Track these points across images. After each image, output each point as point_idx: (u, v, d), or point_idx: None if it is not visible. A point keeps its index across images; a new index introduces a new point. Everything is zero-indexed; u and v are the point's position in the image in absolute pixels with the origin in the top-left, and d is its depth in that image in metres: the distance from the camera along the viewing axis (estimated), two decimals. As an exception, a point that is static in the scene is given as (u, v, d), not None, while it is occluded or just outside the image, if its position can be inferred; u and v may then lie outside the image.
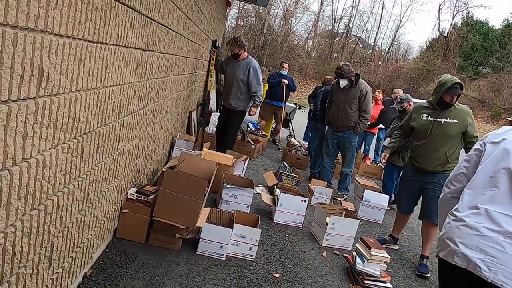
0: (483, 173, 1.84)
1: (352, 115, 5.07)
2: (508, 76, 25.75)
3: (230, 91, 4.97)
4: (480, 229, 1.72)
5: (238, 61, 4.91)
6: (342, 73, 4.98)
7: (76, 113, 1.70)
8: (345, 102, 5.05)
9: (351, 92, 5.04)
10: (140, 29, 2.43)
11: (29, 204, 1.43)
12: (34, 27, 1.25)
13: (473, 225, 1.74)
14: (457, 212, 1.84)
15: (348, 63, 5.29)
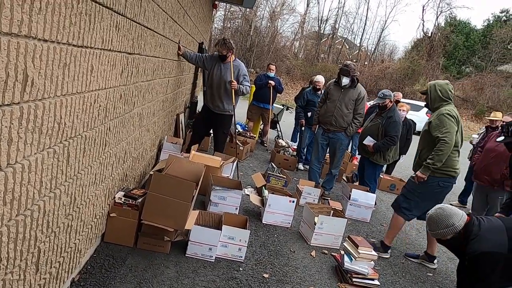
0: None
1: (347, 115, 5.07)
2: (490, 75, 26.29)
3: (218, 93, 4.84)
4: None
5: (225, 63, 4.80)
6: (348, 71, 4.97)
7: (61, 118, 1.69)
8: (342, 101, 5.03)
9: (349, 92, 5.05)
10: (125, 33, 2.44)
11: (15, 209, 1.43)
12: (18, 32, 1.25)
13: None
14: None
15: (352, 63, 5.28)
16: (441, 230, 2.41)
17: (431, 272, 3.83)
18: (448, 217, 2.39)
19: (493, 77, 25.91)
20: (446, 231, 2.39)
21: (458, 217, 2.38)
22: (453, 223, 2.37)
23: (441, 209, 2.45)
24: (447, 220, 2.39)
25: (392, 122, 4.87)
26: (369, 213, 4.89)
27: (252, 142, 7.08)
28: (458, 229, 2.36)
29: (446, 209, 2.43)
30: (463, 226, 2.36)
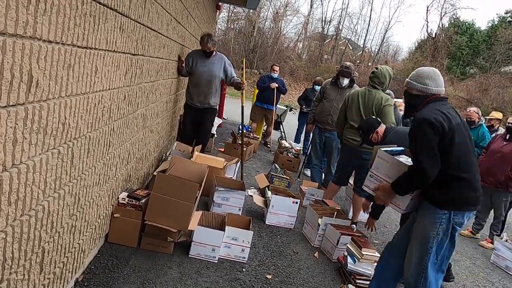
0: None
1: None
2: (495, 76, 26.15)
3: (208, 90, 4.73)
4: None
5: (209, 58, 4.66)
6: (349, 72, 5.03)
7: (66, 119, 1.70)
8: (339, 101, 5.04)
9: (346, 92, 5.08)
10: (130, 34, 2.45)
11: (19, 209, 1.44)
12: (23, 33, 1.26)
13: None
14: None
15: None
16: (414, 83, 2.49)
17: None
18: (428, 78, 2.47)
19: (497, 78, 25.77)
20: (419, 87, 2.47)
21: (434, 84, 2.45)
22: (426, 84, 2.46)
23: (433, 70, 2.54)
24: (424, 79, 2.47)
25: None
26: (372, 215, 4.87)
27: (255, 143, 7.08)
28: (426, 92, 2.46)
29: (435, 73, 2.51)
30: (432, 94, 2.45)
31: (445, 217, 2.35)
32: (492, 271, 4.26)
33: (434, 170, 2.27)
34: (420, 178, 2.30)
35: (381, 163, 2.61)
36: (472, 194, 2.37)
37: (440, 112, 2.31)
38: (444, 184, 2.34)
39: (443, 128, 2.27)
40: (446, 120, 2.29)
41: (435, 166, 2.27)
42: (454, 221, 2.35)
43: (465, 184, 2.35)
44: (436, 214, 2.36)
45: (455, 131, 2.30)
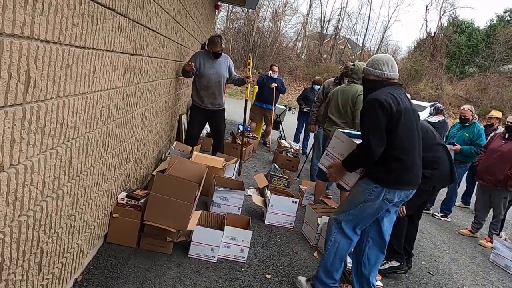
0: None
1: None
2: (494, 75, 26.17)
3: (218, 91, 4.75)
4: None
5: (217, 59, 4.65)
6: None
7: (64, 119, 1.70)
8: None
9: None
10: (128, 34, 2.44)
11: (17, 210, 1.43)
12: (20, 33, 1.26)
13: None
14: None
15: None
16: (370, 68, 2.67)
17: (432, 272, 3.82)
18: (383, 64, 2.63)
19: (496, 77, 25.79)
20: (376, 72, 2.63)
21: (388, 69, 2.62)
22: (381, 69, 2.62)
23: (387, 56, 2.72)
24: (379, 65, 2.63)
25: None
26: (372, 214, 4.87)
27: (254, 142, 7.08)
28: (382, 77, 2.62)
29: (389, 59, 2.68)
30: (387, 79, 2.62)
31: (376, 190, 2.52)
32: (491, 270, 4.26)
33: (380, 149, 2.43)
34: (366, 156, 2.47)
35: (337, 143, 2.78)
36: (406, 176, 2.53)
37: (391, 95, 2.47)
38: (383, 162, 2.48)
39: (391, 109, 2.42)
40: (395, 103, 2.44)
41: (381, 145, 2.43)
42: (385, 197, 2.52)
43: (402, 165, 2.50)
44: (369, 185, 2.54)
45: (402, 114, 2.45)
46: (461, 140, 5.43)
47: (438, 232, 5.15)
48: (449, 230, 5.38)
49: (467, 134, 5.43)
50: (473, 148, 5.31)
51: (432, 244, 4.65)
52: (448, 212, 5.81)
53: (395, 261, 3.54)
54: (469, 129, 5.47)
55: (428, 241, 4.71)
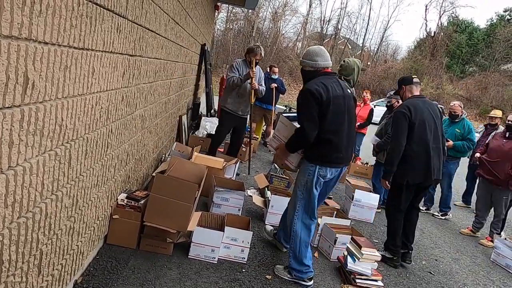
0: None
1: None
2: (494, 74, 26.16)
3: (249, 99, 4.91)
4: None
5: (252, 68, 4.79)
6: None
7: (63, 120, 1.70)
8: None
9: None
10: (127, 35, 2.44)
11: (16, 212, 1.43)
12: (18, 35, 1.25)
13: None
14: None
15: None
16: (306, 60, 2.94)
17: (433, 272, 3.81)
18: (317, 56, 2.91)
19: (497, 77, 25.78)
20: (311, 63, 2.92)
21: (322, 60, 2.91)
22: (315, 61, 2.91)
23: (320, 48, 3.00)
24: (313, 56, 2.92)
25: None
26: (372, 214, 4.87)
27: (254, 143, 7.08)
28: (317, 67, 2.91)
29: (322, 50, 2.98)
30: (322, 68, 2.91)
31: (312, 169, 2.87)
32: (492, 270, 4.26)
33: (313, 132, 2.76)
34: (303, 139, 2.80)
35: (282, 126, 3.09)
36: (336, 155, 2.87)
37: (322, 84, 2.77)
38: (316, 144, 2.81)
39: (321, 97, 2.72)
40: (325, 91, 2.74)
41: (314, 129, 2.75)
42: (319, 173, 2.87)
43: (332, 146, 2.83)
44: (307, 166, 2.89)
45: (331, 101, 2.75)
46: (452, 136, 5.48)
47: (439, 232, 5.14)
48: (450, 229, 5.37)
49: (458, 130, 5.49)
50: (465, 143, 5.36)
51: (433, 244, 4.64)
52: (447, 209, 5.79)
53: (389, 253, 3.71)
54: (459, 124, 5.52)
55: (429, 241, 4.70)
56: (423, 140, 3.47)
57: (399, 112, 3.53)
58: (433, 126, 3.53)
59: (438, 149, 3.56)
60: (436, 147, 3.54)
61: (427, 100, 3.67)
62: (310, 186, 2.89)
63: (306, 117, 2.76)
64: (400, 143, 3.45)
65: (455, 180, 6.07)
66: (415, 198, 3.76)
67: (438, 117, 3.61)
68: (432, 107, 3.61)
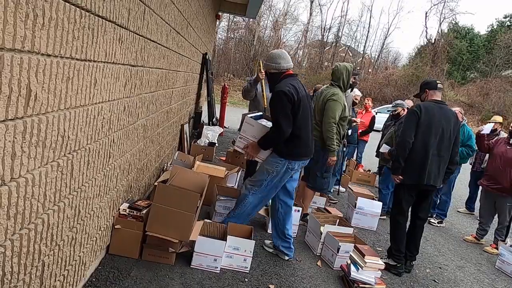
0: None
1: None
2: (495, 80, 26.15)
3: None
4: None
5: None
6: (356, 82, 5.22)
7: (65, 131, 1.71)
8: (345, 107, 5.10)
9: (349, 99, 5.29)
10: (129, 46, 2.46)
11: (18, 223, 1.43)
12: (21, 48, 1.27)
13: None
14: None
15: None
16: (270, 63, 3.21)
17: (438, 280, 3.78)
18: (280, 58, 3.19)
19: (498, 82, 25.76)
20: (275, 66, 3.20)
21: (285, 62, 3.20)
22: (279, 63, 3.18)
23: (281, 51, 3.27)
24: (277, 59, 3.19)
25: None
26: (375, 221, 4.84)
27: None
28: (280, 68, 3.19)
29: (283, 53, 3.24)
30: (285, 69, 3.19)
31: (281, 163, 3.18)
32: (498, 277, 4.22)
33: (289, 129, 3.06)
34: (280, 136, 3.08)
35: (248, 127, 3.30)
36: (304, 149, 3.23)
37: (292, 86, 3.08)
38: (287, 140, 3.10)
39: (294, 97, 3.03)
40: (295, 92, 3.06)
41: (290, 126, 3.06)
42: (288, 166, 3.20)
43: (301, 141, 3.17)
44: (276, 159, 3.19)
45: (301, 100, 3.09)
46: None
47: (442, 239, 5.11)
48: (454, 237, 5.34)
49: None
50: (465, 150, 5.32)
51: (437, 252, 4.60)
52: (443, 216, 5.75)
53: (392, 260, 3.72)
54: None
55: (432, 249, 4.67)
56: (425, 142, 3.50)
57: (411, 110, 3.63)
58: (440, 133, 3.52)
59: (440, 157, 3.55)
60: (438, 154, 3.53)
61: (444, 107, 3.64)
62: (274, 176, 3.22)
63: (283, 116, 3.03)
64: (406, 140, 3.50)
65: (459, 187, 6.05)
66: (419, 206, 3.75)
67: (450, 125, 3.57)
68: (447, 114, 3.59)
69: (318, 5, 31.27)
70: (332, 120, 4.04)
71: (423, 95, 3.74)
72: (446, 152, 3.59)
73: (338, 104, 4.06)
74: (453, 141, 3.62)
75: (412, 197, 3.71)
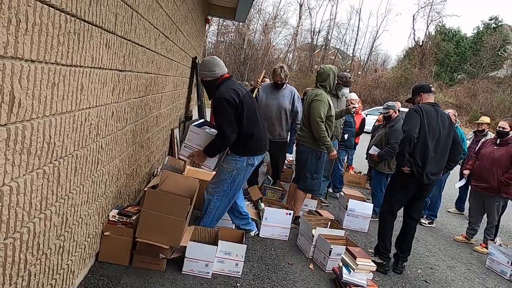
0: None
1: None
2: (482, 81, 26.57)
3: (279, 122, 4.77)
4: None
5: (280, 90, 4.74)
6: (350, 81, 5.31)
7: (51, 138, 1.68)
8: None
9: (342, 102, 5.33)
10: (116, 50, 2.44)
11: (2, 233, 1.40)
12: (4, 54, 1.25)
13: None
14: None
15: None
16: (204, 72, 3.24)
17: (429, 281, 3.80)
18: (213, 65, 3.21)
19: (485, 83, 26.19)
20: (210, 74, 3.22)
21: (219, 68, 3.23)
22: (213, 70, 3.21)
23: (213, 57, 3.29)
24: (210, 67, 3.21)
25: (394, 131, 5.04)
26: (366, 223, 4.86)
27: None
28: (215, 75, 3.22)
29: (215, 59, 3.27)
30: (220, 76, 3.22)
31: (240, 160, 3.30)
32: (488, 276, 4.25)
33: (234, 135, 3.15)
34: (225, 142, 3.19)
35: (193, 136, 3.35)
36: (259, 144, 3.35)
37: (232, 90, 3.13)
38: (242, 140, 3.22)
39: (235, 101, 3.09)
40: (236, 95, 3.11)
41: (234, 131, 3.15)
42: (248, 163, 3.33)
43: (255, 137, 3.28)
44: (235, 157, 3.30)
45: (243, 102, 3.14)
46: None
47: (433, 240, 5.14)
48: (444, 237, 5.38)
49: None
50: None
51: (428, 252, 4.63)
52: (433, 217, 5.80)
53: (379, 258, 3.78)
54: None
55: (423, 249, 4.70)
56: (424, 143, 3.54)
57: (412, 109, 3.64)
58: (437, 135, 3.58)
59: (437, 159, 3.62)
60: (435, 156, 3.60)
61: (439, 109, 3.69)
62: (236, 174, 3.32)
63: (226, 123, 3.11)
64: (412, 134, 3.51)
65: (448, 187, 6.11)
66: (412, 206, 3.79)
67: (445, 127, 3.62)
68: (442, 117, 3.64)
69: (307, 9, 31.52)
70: (319, 119, 4.08)
71: (418, 99, 3.77)
72: (442, 154, 3.65)
73: (321, 103, 4.11)
74: (450, 142, 3.67)
75: (404, 199, 3.76)
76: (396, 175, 3.84)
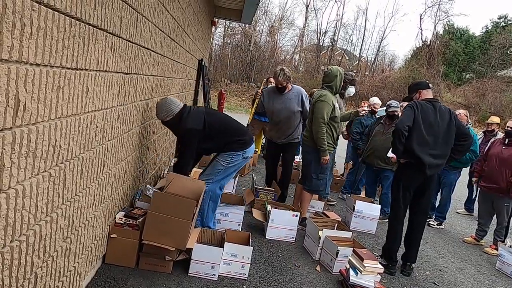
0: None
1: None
2: (491, 80, 26.26)
3: (288, 126, 4.65)
4: None
5: (285, 93, 4.59)
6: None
7: (56, 141, 1.69)
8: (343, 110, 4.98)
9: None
10: (121, 53, 2.45)
11: (9, 235, 1.41)
12: (8, 58, 1.25)
13: None
14: None
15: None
16: (163, 114, 3.27)
17: (438, 283, 3.75)
18: (169, 104, 3.26)
19: (494, 83, 25.87)
20: (169, 114, 3.26)
21: (175, 105, 3.28)
22: (171, 109, 3.25)
23: (165, 98, 3.33)
24: (167, 106, 3.25)
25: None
26: (374, 225, 4.82)
27: (254, 156, 7.06)
28: (174, 113, 3.25)
29: (168, 99, 3.31)
30: (177, 112, 3.26)
31: (237, 154, 3.47)
32: (498, 278, 4.19)
33: (191, 160, 3.44)
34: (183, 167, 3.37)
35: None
36: (245, 140, 3.51)
37: (194, 116, 3.28)
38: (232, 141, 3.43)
39: (200, 125, 3.27)
40: (200, 119, 3.28)
41: (192, 158, 3.42)
42: (243, 156, 3.50)
43: (238, 135, 3.47)
44: (231, 153, 3.46)
45: (207, 120, 3.30)
46: None
47: (442, 241, 5.09)
48: (453, 238, 5.31)
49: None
50: (469, 154, 5.29)
51: (437, 254, 4.58)
52: (442, 219, 5.73)
53: (385, 260, 3.79)
54: None
55: (432, 251, 4.65)
56: (422, 139, 3.54)
57: (408, 105, 3.66)
58: (436, 130, 3.55)
59: (436, 155, 3.59)
60: (434, 152, 3.57)
61: (437, 104, 3.64)
62: (231, 166, 3.47)
63: (188, 151, 3.34)
64: (400, 129, 3.50)
65: (457, 188, 6.03)
66: (418, 203, 3.77)
67: (445, 122, 3.58)
68: (441, 111, 3.60)
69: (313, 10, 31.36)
70: (321, 120, 4.08)
71: (416, 96, 3.75)
72: (442, 149, 3.62)
73: (325, 104, 4.09)
74: (452, 136, 3.62)
75: (409, 194, 3.76)
76: (398, 170, 3.86)
